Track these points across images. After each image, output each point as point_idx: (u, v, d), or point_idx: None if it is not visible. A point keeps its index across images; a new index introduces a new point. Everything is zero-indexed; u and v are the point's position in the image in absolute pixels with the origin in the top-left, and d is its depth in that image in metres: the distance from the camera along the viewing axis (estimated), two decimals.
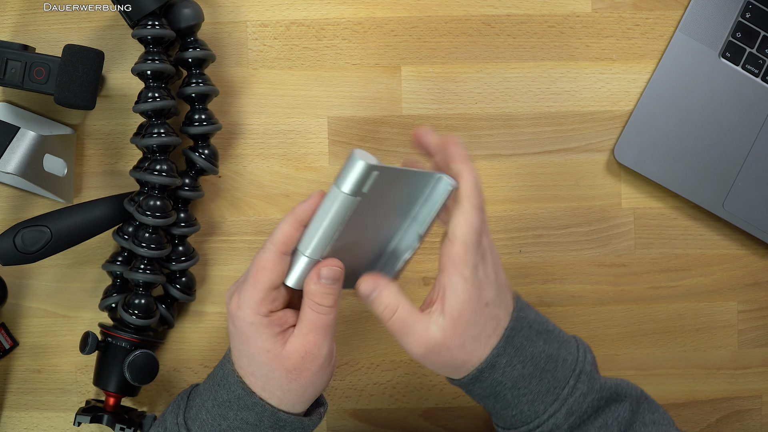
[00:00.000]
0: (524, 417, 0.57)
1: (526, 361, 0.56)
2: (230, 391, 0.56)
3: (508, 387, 0.56)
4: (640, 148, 0.71)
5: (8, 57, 0.63)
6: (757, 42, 0.71)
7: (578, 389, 0.56)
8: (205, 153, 0.68)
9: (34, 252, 0.63)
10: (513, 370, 0.56)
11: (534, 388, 0.56)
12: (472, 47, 0.72)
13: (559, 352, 0.57)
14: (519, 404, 0.57)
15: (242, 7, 0.71)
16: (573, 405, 0.56)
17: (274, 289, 0.54)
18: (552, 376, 0.56)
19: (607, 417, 0.57)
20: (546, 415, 0.56)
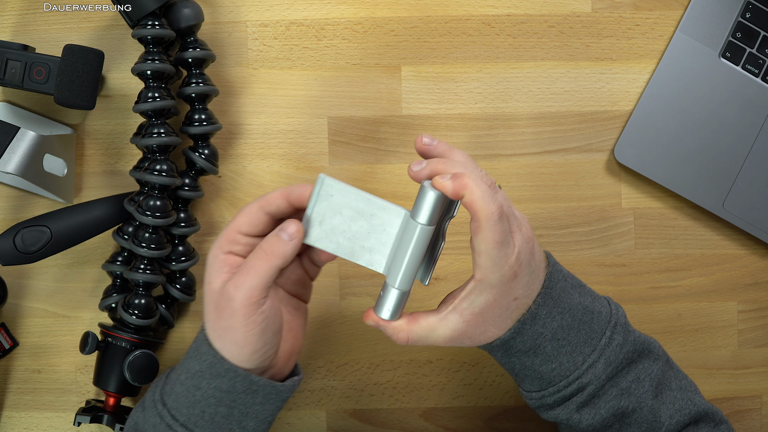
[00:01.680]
0: (564, 370, 0.58)
1: (564, 312, 0.57)
2: (202, 360, 0.55)
3: (548, 338, 0.57)
4: (640, 148, 0.71)
5: (8, 57, 0.63)
6: (757, 42, 0.71)
7: (615, 340, 0.58)
8: (205, 153, 0.68)
9: (34, 252, 0.63)
10: (553, 321, 0.57)
11: (573, 339, 0.57)
12: (472, 47, 0.72)
13: (593, 305, 0.59)
14: (558, 356, 0.57)
15: (242, 7, 0.71)
16: (610, 355, 0.57)
17: (240, 233, 0.54)
18: (589, 327, 0.58)
19: (639, 371, 0.59)
20: (585, 366, 0.57)
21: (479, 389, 0.73)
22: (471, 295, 0.55)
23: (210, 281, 0.54)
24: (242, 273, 0.53)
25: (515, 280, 0.55)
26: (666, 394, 0.59)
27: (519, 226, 0.55)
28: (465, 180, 0.52)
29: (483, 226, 0.53)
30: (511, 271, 0.54)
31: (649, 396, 0.58)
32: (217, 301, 0.54)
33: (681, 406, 0.59)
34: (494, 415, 0.73)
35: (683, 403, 0.59)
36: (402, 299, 0.56)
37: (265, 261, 0.54)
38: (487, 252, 0.53)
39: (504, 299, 0.55)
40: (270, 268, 0.54)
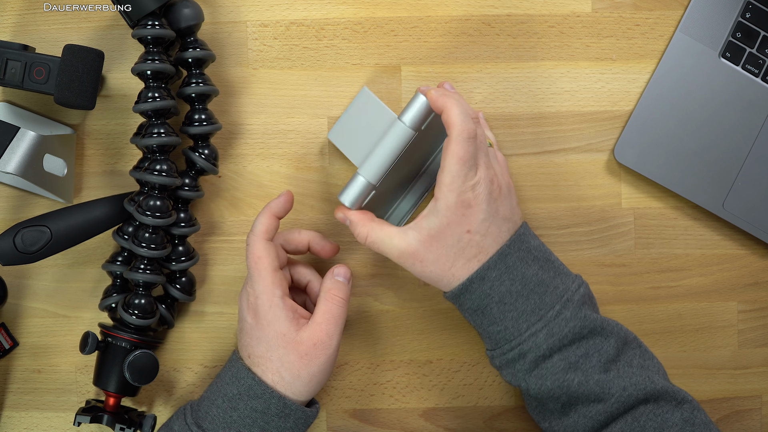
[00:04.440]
0: (508, 334, 0.61)
1: (515, 279, 0.60)
2: (240, 384, 0.60)
3: (495, 301, 0.60)
4: (640, 148, 0.71)
5: (8, 57, 0.63)
6: (757, 42, 0.71)
7: (562, 314, 0.60)
8: (205, 153, 0.68)
9: (34, 252, 0.63)
10: (501, 285, 0.60)
11: (519, 306, 0.60)
12: (472, 47, 0.72)
13: (552, 280, 0.61)
14: (504, 320, 0.60)
15: (242, 7, 0.71)
16: (554, 327, 0.60)
17: (276, 271, 0.62)
18: (539, 299, 0.60)
19: (589, 347, 0.60)
20: (528, 333, 0.60)
21: (479, 389, 0.73)
22: (429, 215, 0.60)
23: (284, 333, 0.60)
24: (330, 321, 0.61)
25: (469, 210, 0.59)
26: (622, 370, 0.60)
27: (489, 165, 0.60)
28: (450, 99, 0.59)
29: (452, 139, 0.58)
30: (466, 196, 0.59)
31: (596, 370, 0.60)
32: (296, 347, 0.60)
33: (637, 381, 0.60)
34: (494, 415, 0.73)
35: (640, 378, 0.60)
36: (364, 189, 0.62)
37: (341, 306, 0.62)
38: (449, 167, 0.58)
39: (457, 227, 0.59)
40: (345, 312, 0.63)
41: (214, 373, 0.72)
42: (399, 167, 0.64)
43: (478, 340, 0.72)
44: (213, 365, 0.72)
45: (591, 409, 0.60)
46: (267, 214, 0.64)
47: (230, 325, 0.72)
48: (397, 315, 0.72)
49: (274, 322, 0.61)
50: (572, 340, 0.60)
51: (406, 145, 0.62)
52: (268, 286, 0.61)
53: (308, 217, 0.71)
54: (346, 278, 0.65)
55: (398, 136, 0.61)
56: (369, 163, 0.62)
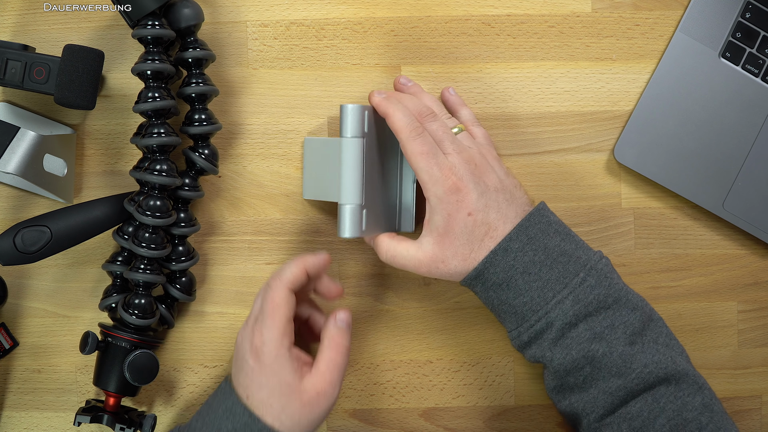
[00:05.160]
0: (534, 304, 0.61)
1: (538, 249, 0.61)
2: (236, 420, 0.60)
3: (519, 272, 0.61)
4: (640, 148, 0.71)
5: (8, 57, 0.63)
6: (757, 42, 0.71)
7: (587, 281, 0.61)
8: (205, 153, 0.68)
9: (34, 252, 0.63)
10: (524, 256, 0.61)
11: (544, 275, 0.61)
12: (472, 47, 0.72)
13: (575, 251, 0.62)
14: (530, 290, 0.61)
15: (242, 7, 0.71)
16: (580, 294, 0.60)
17: (289, 322, 0.61)
18: (563, 268, 0.61)
19: (615, 318, 0.60)
20: (554, 301, 0.60)
21: (479, 389, 0.73)
22: (431, 217, 0.62)
23: (289, 383, 0.60)
24: (334, 371, 0.62)
25: (460, 194, 0.61)
26: (647, 346, 0.60)
27: (460, 149, 0.62)
28: (390, 103, 0.63)
29: (403, 143, 0.61)
30: (450, 181, 0.61)
31: (621, 342, 0.60)
32: (300, 396, 0.60)
33: (660, 359, 0.60)
34: (494, 415, 0.73)
35: (663, 357, 0.60)
36: (354, 213, 0.63)
37: (345, 355, 0.63)
38: (416, 165, 0.61)
39: (457, 214, 0.61)
40: (348, 359, 0.63)
41: (214, 373, 0.72)
42: (373, 175, 0.65)
43: (478, 340, 0.72)
44: (213, 365, 0.72)
45: (611, 384, 0.60)
46: (300, 266, 0.63)
47: (230, 325, 0.72)
48: (397, 315, 0.72)
49: (279, 372, 0.60)
50: (597, 308, 0.60)
51: (363, 153, 0.63)
52: (278, 336, 0.60)
53: (308, 217, 0.71)
54: (348, 325, 0.64)
55: (351, 151, 0.63)
56: (344, 189, 0.63)
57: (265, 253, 0.71)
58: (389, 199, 0.68)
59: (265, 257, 0.71)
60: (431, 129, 0.63)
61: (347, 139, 0.63)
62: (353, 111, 0.63)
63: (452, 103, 0.70)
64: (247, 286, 0.72)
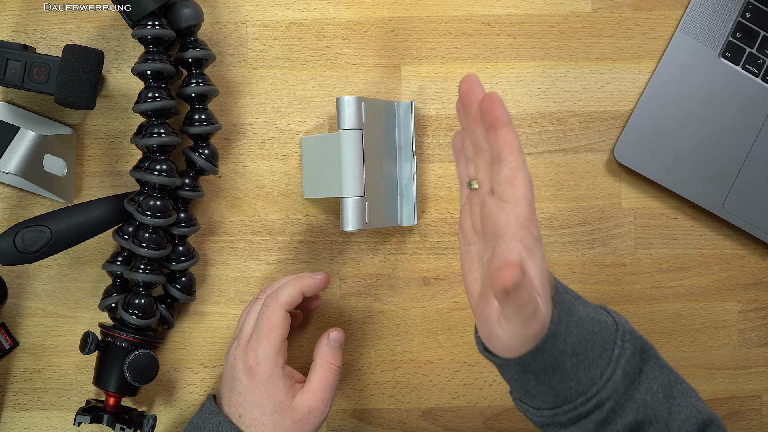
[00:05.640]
0: (582, 386, 0.54)
1: (579, 325, 0.53)
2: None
3: (568, 355, 0.53)
4: (640, 148, 0.71)
5: (8, 57, 0.63)
6: (757, 42, 0.71)
7: (627, 349, 0.54)
8: (205, 153, 0.68)
9: (34, 252, 0.63)
10: (571, 336, 0.53)
11: (590, 354, 0.53)
12: (472, 47, 0.72)
13: (597, 314, 0.55)
14: (578, 373, 0.53)
15: (242, 7, 0.71)
16: (626, 366, 0.54)
17: (283, 342, 0.63)
18: (601, 339, 0.54)
19: (651, 381, 0.55)
20: (603, 380, 0.54)
21: (479, 389, 0.73)
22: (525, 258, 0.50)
23: (281, 400, 0.61)
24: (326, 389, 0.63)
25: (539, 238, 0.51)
26: (673, 402, 0.56)
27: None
28: (526, 166, 0.50)
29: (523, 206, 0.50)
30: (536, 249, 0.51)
31: (663, 408, 0.55)
32: (292, 414, 0.62)
33: (687, 414, 0.56)
34: (494, 415, 0.73)
35: (689, 411, 0.56)
36: (356, 206, 0.63)
37: (337, 374, 0.64)
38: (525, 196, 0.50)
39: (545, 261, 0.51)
40: (339, 378, 0.64)
41: (214, 373, 0.72)
42: (373, 167, 0.65)
43: None
44: (213, 365, 0.72)
45: None
46: (297, 289, 0.64)
47: (230, 325, 0.72)
48: (397, 315, 0.72)
49: (272, 390, 0.61)
50: (637, 375, 0.55)
51: (362, 143, 0.63)
52: (273, 356, 0.62)
53: (307, 217, 0.71)
54: (340, 344, 0.66)
55: (350, 142, 0.63)
56: (345, 182, 0.63)
57: (265, 253, 0.71)
58: (390, 192, 0.68)
59: (265, 257, 0.71)
60: None
61: (345, 131, 0.63)
62: (349, 103, 0.63)
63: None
64: (247, 286, 0.72)
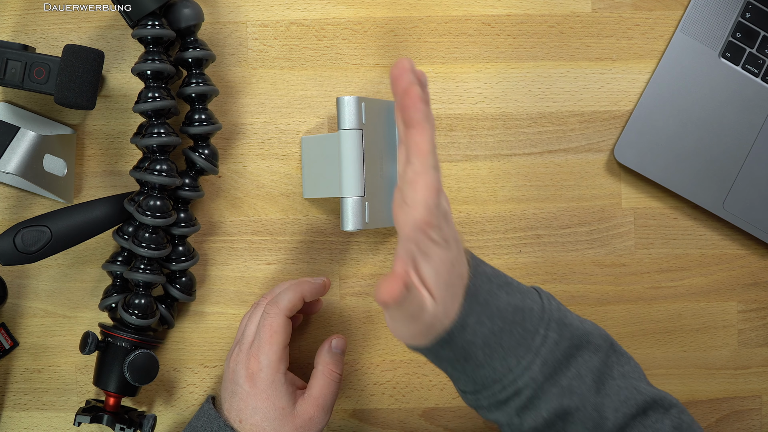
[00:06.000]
0: (497, 374, 0.54)
1: (493, 316, 0.54)
2: None
3: (479, 346, 0.54)
4: (640, 148, 0.71)
5: (8, 57, 0.63)
6: (757, 42, 0.71)
7: (550, 337, 0.55)
8: (205, 153, 0.68)
9: (34, 252, 0.63)
10: (483, 327, 0.53)
11: (505, 343, 0.54)
12: (472, 47, 0.72)
13: (524, 302, 0.55)
14: (491, 361, 0.54)
15: (242, 7, 0.71)
16: (547, 355, 0.54)
17: (285, 348, 0.63)
18: (521, 328, 0.54)
19: (579, 366, 0.55)
20: (520, 368, 0.54)
21: None
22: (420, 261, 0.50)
23: (283, 407, 0.62)
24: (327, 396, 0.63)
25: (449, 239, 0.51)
26: (609, 385, 0.56)
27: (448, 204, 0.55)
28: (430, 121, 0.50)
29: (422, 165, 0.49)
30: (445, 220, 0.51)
31: (591, 392, 0.55)
32: (293, 420, 0.62)
33: (626, 396, 0.56)
34: None
35: (628, 393, 0.56)
36: (356, 205, 0.63)
37: (337, 382, 0.64)
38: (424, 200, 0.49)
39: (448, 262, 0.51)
40: (340, 385, 0.65)
41: (214, 373, 0.72)
42: (373, 167, 0.64)
43: None
44: (213, 365, 0.72)
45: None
46: (297, 294, 0.64)
47: (230, 325, 0.72)
48: None
49: (274, 396, 0.62)
50: (564, 363, 0.55)
51: (362, 143, 0.63)
52: (275, 362, 0.62)
53: (307, 217, 0.71)
54: (342, 351, 0.66)
55: (350, 142, 0.62)
56: (345, 181, 0.63)
57: (265, 253, 0.71)
58: (390, 192, 0.68)
59: (265, 257, 0.71)
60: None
61: (345, 131, 0.62)
62: (350, 103, 0.62)
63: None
64: (247, 286, 0.72)
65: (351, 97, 0.62)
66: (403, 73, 0.50)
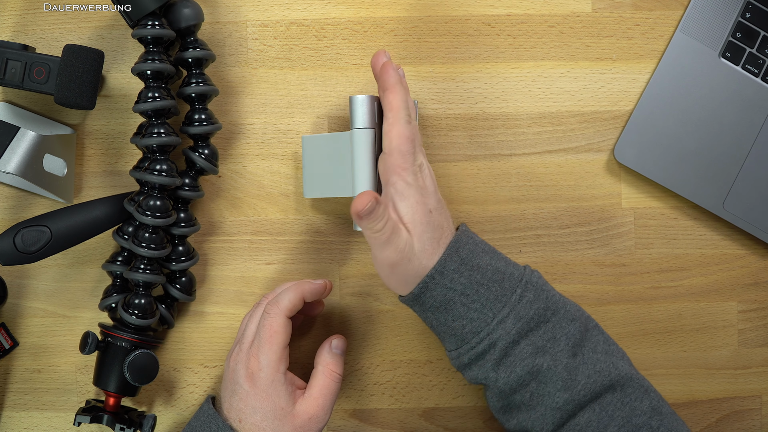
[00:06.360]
0: (475, 326, 0.60)
1: (473, 269, 0.60)
2: None
3: (457, 294, 0.59)
4: (640, 148, 0.71)
5: (8, 57, 0.63)
6: (757, 42, 0.71)
7: (525, 297, 0.60)
8: (205, 153, 0.68)
9: (34, 252, 0.63)
10: (461, 277, 0.59)
11: (482, 296, 0.59)
12: (472, 47, 0.72)
13: (506, 268, 0.61)
14: (469, 312, 0.60)
15: (242, 7, 0.71)
16: (521, 311, 0.59)
17: (285, 348, 0.63)
18: (500, 286, 0.60)
19: (555, 330, 0.60)
20: (495, 321, 0.59)
21: (479, 389, 0.73)
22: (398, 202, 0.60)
23: (282, 407, 0.62)
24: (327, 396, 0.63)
25: (425, 190, 0.59)
26: (587, 355, 0.60)
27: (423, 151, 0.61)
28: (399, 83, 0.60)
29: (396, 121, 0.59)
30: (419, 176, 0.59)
31: (564, 354, 0.59)
32: (293, 420, 0.62)
33: (602, 368, 0.59)
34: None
35: (605, 365, 0.59)
36: None
37: (338, 382, 0.64)
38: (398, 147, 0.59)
39: (423, 205, 0.59)
40: (340, 385, 0.65)
41: (214, 373, 0.72)
42: None
43: None
44: (213, 365, 0.72)
45: (558, 398, 0.59)
46: (298, 294, 0.64)
47: (230, 325, 0.72)
48: (397, 315, 0.72)
49: (274, 396, 0.62)
50: (538, 323, 0.59)
51: (375, 143, 0.63)
52: (275, 362, 0.62)
53: (308, 217, 0.72)
54: (342, 351, 0.66)
55: (364, 142, 0.62)
56: (357, 181, 0.63)
57: (265, 253, 0.71)
58: None
59: (265, 257, 0.71)
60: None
61: (359, 130, 0.63)
62: (363, 102, 0.63)
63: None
64: (247, 286, 0.72)
65: (364, 96, 0.63)
66: (380, 55, 0.62)
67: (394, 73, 0.60)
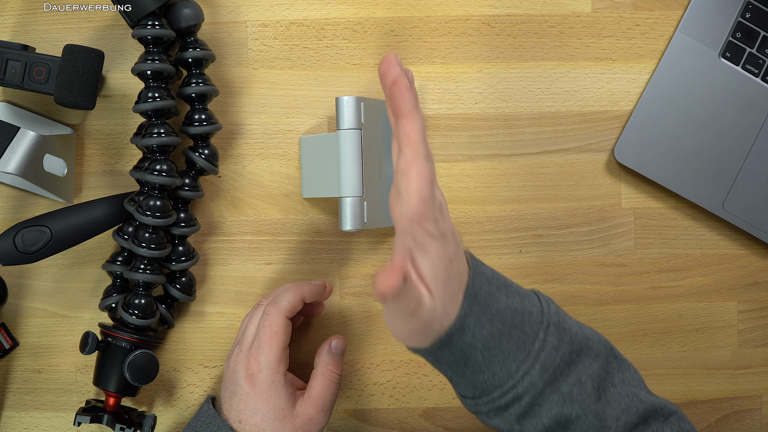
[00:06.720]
0: (497, 379, 0.54)
1: (493, 318, 0.53)
2: None
3: (478, 349, 0.53)
4: (640, 148, 0.71)
5: (8, 57, 0.63)
6: (757, 42, 0.71)
7: (549, 342, 0.54)
8: (205, 153, 0.68)
9: (34, 252, 0.63)
10: (482, 330, 0.53)
11: (505, 347, 0.53)
12: (472, 47, 0.72)
13: (523, 305, 0.55)
14: (491, 366, 0.53)
15: (242, 7, 0.71)
16: (546, 360, 0.54)
17: (285, 349, 0.63)
18: (521, 332, 0.54)
19: (580, 373, 0.55)
20: (520, 374, 0.53)
21: None
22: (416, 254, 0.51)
23: (282, 407, 0.62)
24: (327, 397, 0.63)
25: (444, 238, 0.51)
26: (609, 393, 0.55)
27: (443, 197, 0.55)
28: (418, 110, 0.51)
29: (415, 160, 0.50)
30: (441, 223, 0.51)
31: (592, 399, 0.54)
32: (292, 421, 0.62)
33: (627, 404, 0.55)
34: None
35: (629, 401, 0.56)
36: (355, 205, 0.62)
37: (337, 382, 0.64)
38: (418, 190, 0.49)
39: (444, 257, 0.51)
40: (339, 386, 0.65)
41: (214, 373, 0.72)
42: (372, 167, 0.64)
43: None
44: (213, 365, 0.72)
45: None
46: (297, 295, 0.64)
47: (230, 325, 0.72)
48: None
49: (274, 397, 0.62)
50: (564, 369, 0.54)
51: (360, 143, 0.63)
52: (275, 363, 0.62)
53: (308, 217, 0.72)
54: (342, 352, 0.66)
55: (350, 142, 0.62)
56: (344, 181, 0.62)
57: (265, 253, 0.71)
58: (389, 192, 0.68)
59: (265, 257, 0.71)
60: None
61: (344, 130, 0.62)
62: (349, 102, 0.62)
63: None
64: (247, 286, 0.72)
65: (350, 97, 0.62)
66: (390, 66, 0.52)
67: (409, 96, 0.50)
